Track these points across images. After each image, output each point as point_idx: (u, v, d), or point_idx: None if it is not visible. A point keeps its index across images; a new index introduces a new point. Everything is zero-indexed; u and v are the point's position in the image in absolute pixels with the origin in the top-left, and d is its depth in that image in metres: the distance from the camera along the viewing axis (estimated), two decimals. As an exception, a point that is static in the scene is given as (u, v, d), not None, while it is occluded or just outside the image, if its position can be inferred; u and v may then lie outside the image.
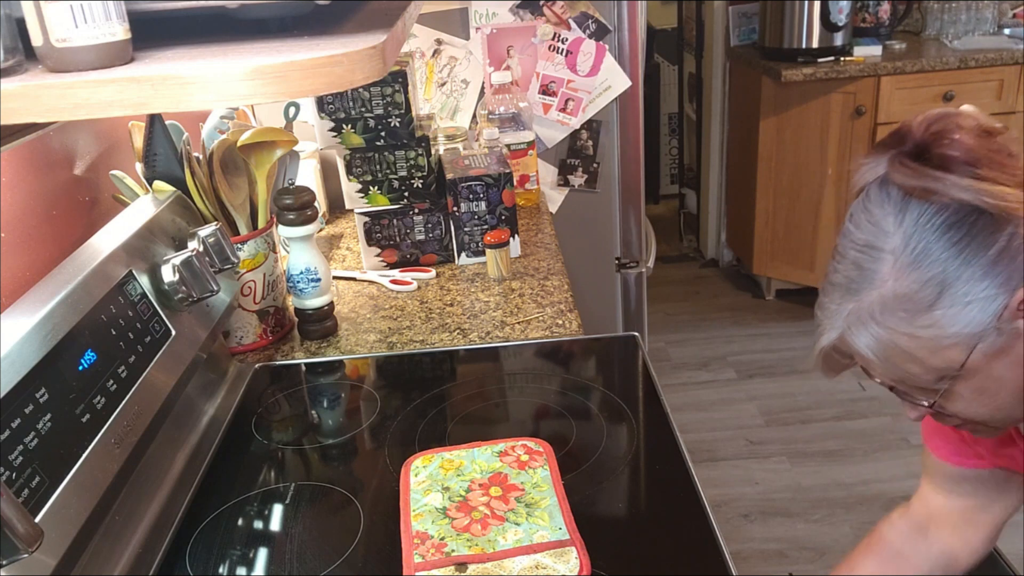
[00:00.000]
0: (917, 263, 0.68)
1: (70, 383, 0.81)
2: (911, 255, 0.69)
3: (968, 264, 0.67)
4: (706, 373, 3.08)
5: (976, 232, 0.67)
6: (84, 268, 0.91)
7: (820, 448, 2.59)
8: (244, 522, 0.95)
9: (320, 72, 0.54)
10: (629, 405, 1.10)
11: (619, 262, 2.26)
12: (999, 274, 0.67)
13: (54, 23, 0.52)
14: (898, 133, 0.72)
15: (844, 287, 0.73)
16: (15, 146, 1.00)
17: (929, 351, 0.71)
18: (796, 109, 3.04)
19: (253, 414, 1.15)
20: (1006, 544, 1.03)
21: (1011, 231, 0.66)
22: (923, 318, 0.69)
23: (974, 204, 0.66)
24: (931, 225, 0.68)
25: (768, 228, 3.29)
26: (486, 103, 1.90)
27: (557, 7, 2.01)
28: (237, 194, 1.24)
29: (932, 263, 0.68)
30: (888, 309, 0.70)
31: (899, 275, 0.69)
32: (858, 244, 0.72)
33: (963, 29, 3.07)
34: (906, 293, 0.69)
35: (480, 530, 0.87)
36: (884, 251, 0.70)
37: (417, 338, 1.32)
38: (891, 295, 0.70)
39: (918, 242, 0.68)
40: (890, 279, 0.70)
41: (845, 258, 0.74)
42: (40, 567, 0.71)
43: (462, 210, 1.53)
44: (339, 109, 1.44)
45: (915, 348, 0.71)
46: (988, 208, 0.66)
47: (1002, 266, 0.67)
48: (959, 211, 0.67)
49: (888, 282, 0.70)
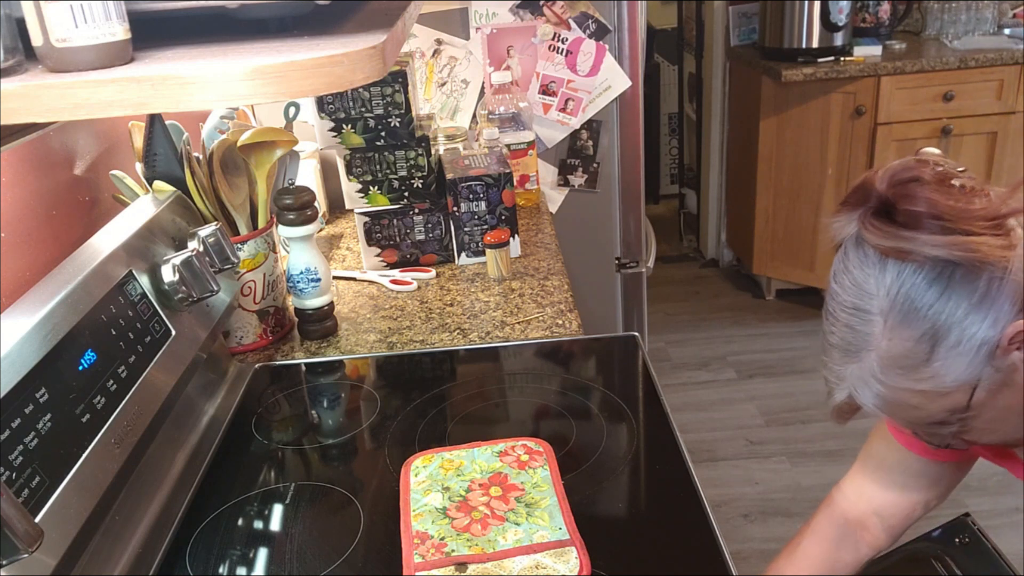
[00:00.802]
0: (906, 321, 0.70)
1: (70, 383, 0.81)
2: (899, 315, 0.71)
3: (954, 314, 0.69)
4: (706, 373, 3.08)
5: (956, 283, 0.69)
6: (84, 268, 0.91)
7: (820, 448, 2.59)
8: (244, 522, 0.95)
9: (320, 72, 0.54)
10: (629, 405, 1.10)
11: (619, 262, 2.26)
12: (985, 317, 0.69)
13: (54, 23, 0.52)
14: (862, 189, 0.74)
15: (843, 349, 0.76)
16: (15, 146, 1.00)
17: (932, 399, 0.73)
18: (796, 109, 3.04)
19: (253, 414, 1.15)
20: (1006, 544, 1.03)
21: (988, 275, 0.68)
22: (921, 372, 0.71)
23: (948, 258, 0.68)
24: (913, 284, 0.70)
25: (768, 228, 3.29)
26: (486, 103, 1.90)
27: (557, 7, 2.01)
28: (237, 194, 1.24)
29: (920, 319, 0.70)
30: (887, 368, 0.73)
31: (891, 335, 0.72)
32: (847, 307, 0.74)
33: (963, 29, 3.07)
34: (901, 352, 0.71)
35: (480, 530, 0.87)
36: (872, 313, 0.72)
37: (417, 338, 1.32)
38: (887, 355, 0.72)
39: (903, 301, 0.70)
40: (884, 340, 0.72)
41: (838, 321, 0.76)
42: (40, 567, 0.71)
43: (462, 210, 1.53)
44: (339, 109, 1.44)
45: (919, 400, 0.73)
46: (962, 261, 0.68)
47: (986, 308, 0.68)
48: (935, 266, 0.69)
49: (883, 343, 0.72)
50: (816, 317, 3.51)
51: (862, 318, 0.73)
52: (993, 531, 1.07)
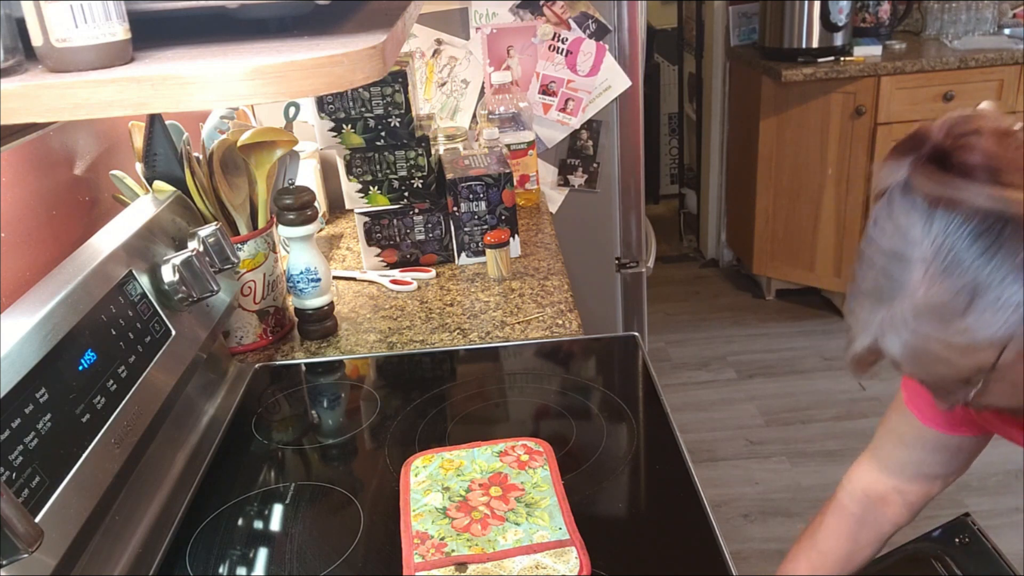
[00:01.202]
0: (948, 273, 0.69)
1: (70, 383, 0.81)
2: (941, 265, 0.69)
3: (998, 270, 0.67)
4: (706, 373, 3.08)
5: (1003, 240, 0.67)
6: (84, 268, 0.91)
7: (820, 448, 2.59)
8: (244, 522, 0.95)
9: (320, 72, 0.54)
10: (629, 405, 1.10)
11: (619, 262, 2.26)
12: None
13: (54, 23, 0.52)
14: (917, 136, 0.72)
15: (874, 295, 0.74)
16: (15, 146, 1.00)
17: (960, 355, 0.71)
18: (796, 109, 3.04)
19: (253, 414, 1.15)
20: (1006, 544, 1.03)
21: None
22: (955, 325, 0.70)
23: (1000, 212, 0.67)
24: (959, 235, 0.68)
25: (768, 228, 3.29)
26: (486, 103, 1.90)
27: (557, 7, 2.01)
28: (237, 194, 1.24)
29: (962, 273, 0.68)
30: (920, 317, 0.71)
31: (930, 284, 0.70)
32: (885, 253, 0.73)
33: (963, 29, 3.07)
34: (938, 302, 0.70)
35: (480, 530, 0.87)
36: (914, 260, 0.70)
37: (417, 338, 1.32)
38: (922, 303, 0.71)
39: (948, 251, 0.69)
40: (921, 288, 0.70)
41: (874, 266, 0.74)
42: (40, 567, 0.71)
43: (462, 210, 1.53)
44: (339, 109, 1.44)
45: (947, 353, 0.72)
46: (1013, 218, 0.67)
47: None
48: (986, 219, 0.67)
49: (919, 291, 0.70)
50: (816, 317, 3.52)
51: (901, 264, 0.71)
52: (993, 531, 1.07)
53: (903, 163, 0.72)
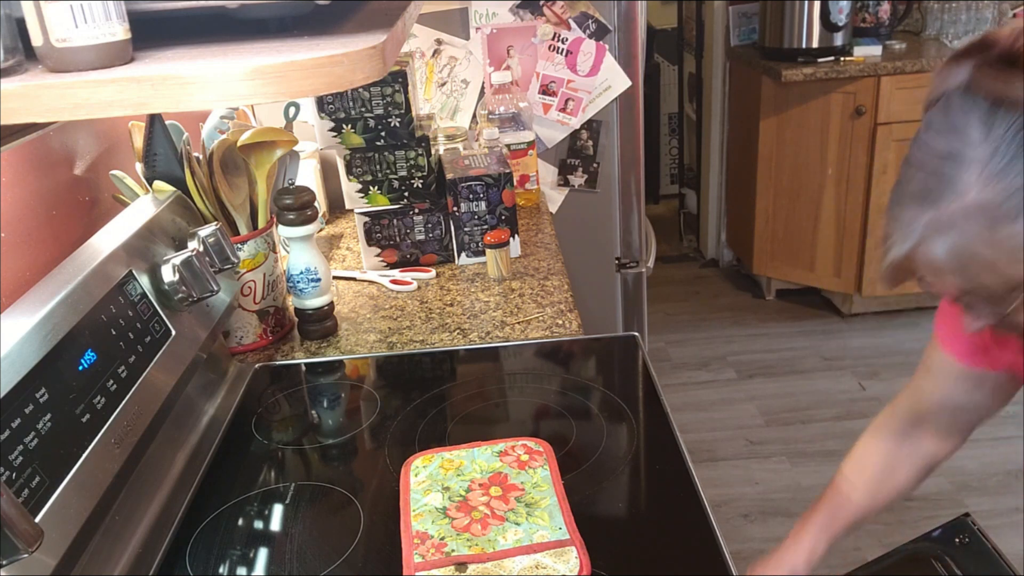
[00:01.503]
0: (1005, 173, 0.68)
1: (70, 383, 0.81)
2: (998, 164, 0.68)
3: None
4: (706, 373, 3.08)
5: None
6: (84, 268, 0.91)
7: (820, 448, 2.59)
8: (244, 522, 0.95)
9: (320, 72, 0.54)
10: (629, 405, 1.10)
11: (619, 262, 2.26)
12: None
13: (54, 23, 0.52)
14: (983, 43, 0.71)
15: (921, 196, 0.72)
16: (15, 146, 1.00)
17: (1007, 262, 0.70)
18: (796, 109, 3.04)
19: (253, 414, 1.15)
20: (1006, 544, 1.03)
21: None
22: (1006, 228, 0.69)
23: None
24: (1021, 136, 0.67)
25: (768, 228, 3.29)
26: (486, 103, 1.90)
27: (557, 7, 2.01)
28: (237, 194, 1.24)
29: (1019, 174, 0.67)
30: (971, 218, 0.70)
31: (984, 185, 0.69)
32: (939, 153, 0.72)
33: (963, 29, 3.07)
34: (990, 203, 0.69)
35: (480, 530, 0.87)
36: (969, 160, 0.69)
37: (417, 338, 1.32)
38: (974, 204, 0.69)
39: (1006, 151, 0.68)
40: (974, 188, 0.69)
41: (924, 167, 0.73)
42: (40, 567, 0.71)
43: (462, 210, 1.53)
44: (339, 109, 1.44)
45: (994, 258, 0.70)
46: None
47: None
48: None
49: (972, 191, 0.69)
50: (816, 317, 3.51)
51: (955, 164, 0.70)
52: (993, 531, 1.07)
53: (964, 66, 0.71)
